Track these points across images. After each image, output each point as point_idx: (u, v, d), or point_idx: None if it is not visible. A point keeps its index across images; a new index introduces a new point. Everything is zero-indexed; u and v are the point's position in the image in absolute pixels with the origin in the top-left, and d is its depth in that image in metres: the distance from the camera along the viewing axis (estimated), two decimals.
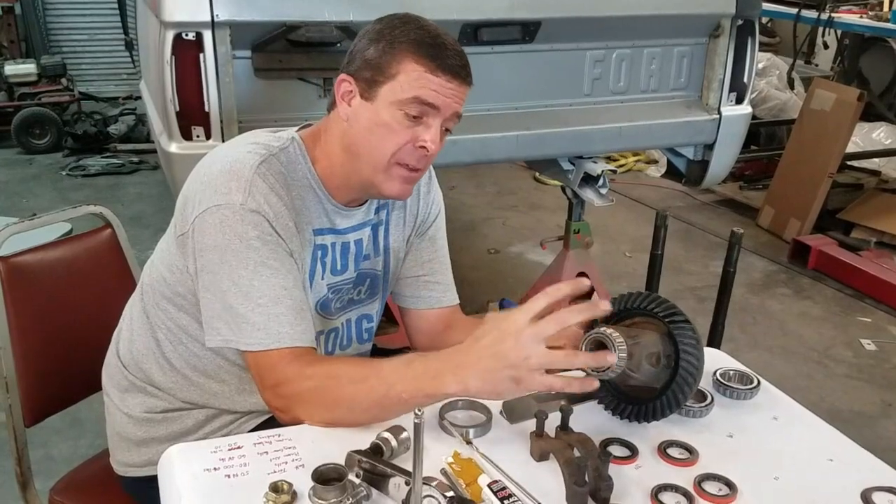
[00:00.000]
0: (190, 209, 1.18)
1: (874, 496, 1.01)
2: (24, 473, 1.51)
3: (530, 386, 1.03)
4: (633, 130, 2.61)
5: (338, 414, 1.11)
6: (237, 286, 1.14)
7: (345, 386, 1.11)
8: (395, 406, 1.08)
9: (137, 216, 4.35)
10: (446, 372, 1.05)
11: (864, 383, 3.07)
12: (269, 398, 1.15)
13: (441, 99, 1.18)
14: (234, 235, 1.14)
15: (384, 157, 1.20)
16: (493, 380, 1.03)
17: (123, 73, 6.68)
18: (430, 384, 1.06)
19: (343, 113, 1.22)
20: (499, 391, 1.04)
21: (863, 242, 4.12)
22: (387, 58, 1.17)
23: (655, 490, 0.99)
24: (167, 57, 2.00)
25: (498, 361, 1.02)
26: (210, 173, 1.19)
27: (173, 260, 1.24)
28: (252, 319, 1.14)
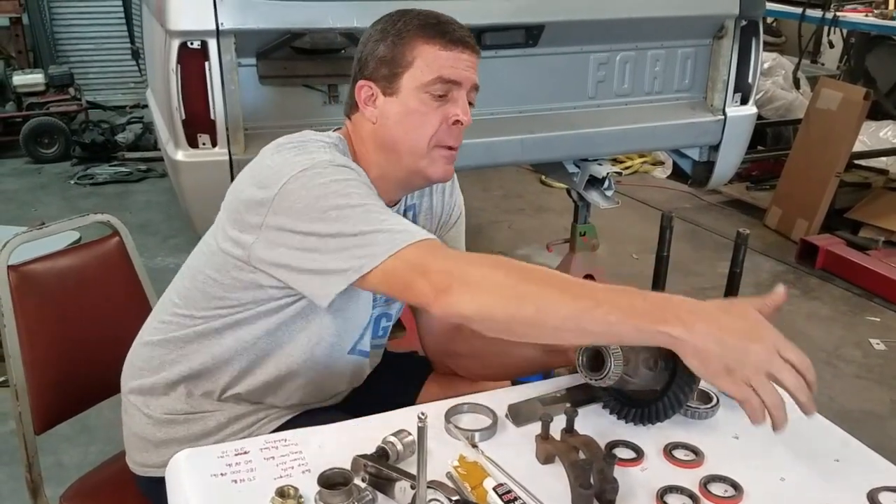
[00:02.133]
0: (263, 190, 1.15)
1: (881, 496, 1.01)
2: (34, 480, 1.51)
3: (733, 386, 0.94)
4: (638, 132, 2.61)
5: (520, 311, 1.00)
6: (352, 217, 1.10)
7: (537, 283, 1.02)
8: (592, 326, 0.98)
9: (145, 224, 4.37)
10: (673, 312, 0.97)
11: (874, 383, 3.05)
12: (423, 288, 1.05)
13: (460, 72, 1.22)
14: (332, 180, 1.13)
15: (423, 142, 1.24)
16: (715, 351, 0.94)
17: (130, 81, 6.72)
18: (649, 316, 0.97)
19: (370, 116, 1.26)
20: (706, 362, 0.95)
21: (871, 241, 4.10)
22: (399, 49, 1.22)
23: (661, 492, 0.99)
24: (173, 65, 2.01)
25: (735, 345, 0.95)
26: (280, 157, 1.18)
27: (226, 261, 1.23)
28: (385, 227, 1.10)
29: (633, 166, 5.50)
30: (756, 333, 0.96)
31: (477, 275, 1.04)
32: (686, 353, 0.96)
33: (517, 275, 1.04)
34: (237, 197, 1.22)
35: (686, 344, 0.95)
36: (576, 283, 1.04)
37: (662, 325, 0.96)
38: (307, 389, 1.35)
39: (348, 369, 1.39)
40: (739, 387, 0.94)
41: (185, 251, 1.42)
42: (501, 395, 1.22)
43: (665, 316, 0.97)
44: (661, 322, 0.96)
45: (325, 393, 1.38)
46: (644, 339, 0.99)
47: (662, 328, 0.96)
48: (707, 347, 0.95)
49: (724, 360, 0.94)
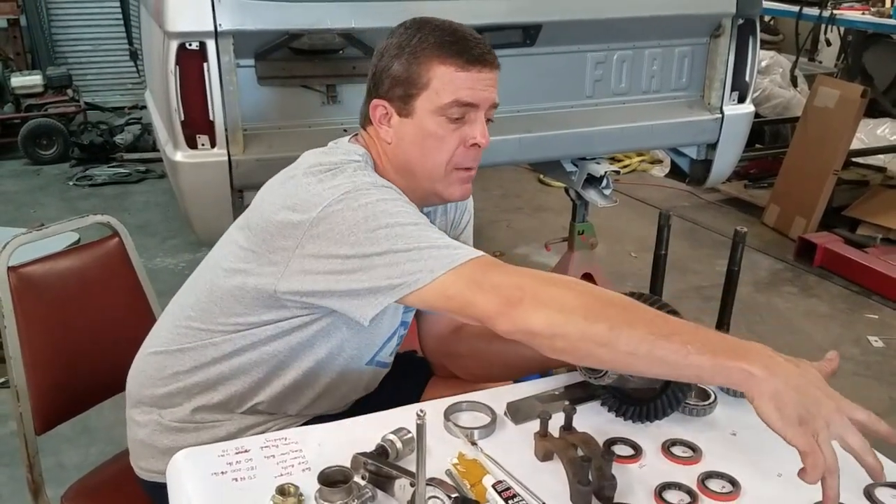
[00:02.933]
0: (300, 217, 1.12)
1: (877, 492, 1.02)
2: (35, 481, 1.52)
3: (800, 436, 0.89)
4: (636, 131, 2.62)
5: (592, 329, 0.97)
6: (403, 235, 1.08)
7: (613, 306, 0.99)
8: (667, 354, 0.94)
9: (144, 224, 4.37)
10: (755, 353, 0.94)
11: (872, 380, 3.06)
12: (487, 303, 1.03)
13: (478, 94, 1.19)
14: (378, 200, 1.11)
15: (440, 166, 1.22)
16: (789, 397, 0.91)
17: (129, 82, 6.72)
18: (729, 352, 0.94)
19: (385, 136, 1.24)
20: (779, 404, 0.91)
21: (869, 239, 4.11)
22: (414, 69, 1.19)
23: (659, 488, 1.00)
24: (171, 66, 2.01)
25: (810, 395, 0.91)
26: (316, 179, 1.15)
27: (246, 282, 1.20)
28: (440, 244, 1.08)
29: (632, 165, 5.50)
30: (828, 391, 0.93)
31: (548, 291, 1.02)
32: (763, 394, 0.91)
33: (591, 295, 1.01)
34: (267, 218, 1.18)
35: (764, 384, 0.91)
36: (652, 310, 1.01)
37: (744, 362, 0.92)
38: (323, 399, 1.35)
39: (365, 378, 1.39)
40: (808, 440, 0.89)
41: (185, 252, 1.43)
42: (500, 393, 1.23)
43: (746, 354, 0.94)
44: (743, 359, 0.93)
45: (339, 401, 1.38)
46: (720, 375, 0.95)
47: (744, 365, 0.92)
48: (785, 393, 0.91)
49: (799, 410, 0.90)
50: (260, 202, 1.23)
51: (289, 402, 1.33)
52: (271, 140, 2.13)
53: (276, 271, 1.16)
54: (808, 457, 0.90)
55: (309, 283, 1.14)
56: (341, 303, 1.13)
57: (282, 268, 1.15)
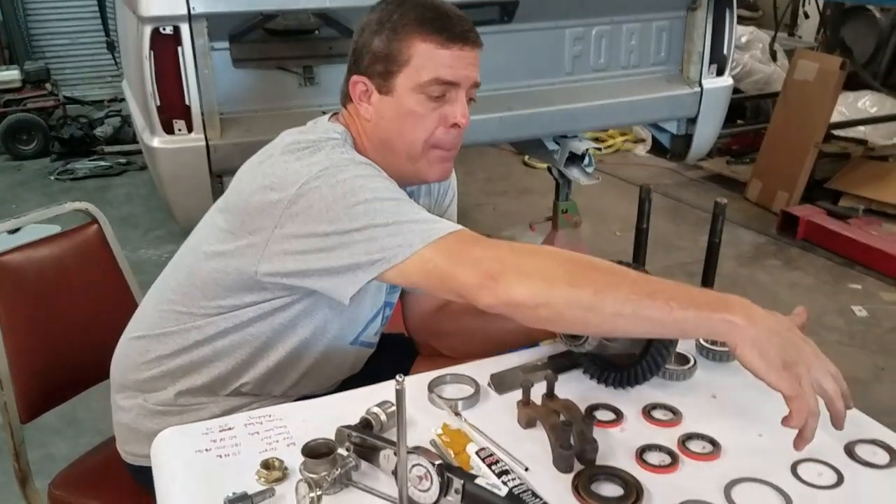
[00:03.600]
0: (279, 196, 1.11)
1: (857, 448, 1.03)
2: (22, 469, 1.52)
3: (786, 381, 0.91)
4: (616, 107, 2.62)
5: (577, 295, 0.97)
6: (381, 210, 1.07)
7: (595, 270, 1.00)
8: (651, 312, 0.95)
9: (127, 217, 4.35)
10: (736, 304, 0.96)
11: (857, 349, 3.09)
12: (468, 277, 1.02)
13: (458, 72, 1.17)
14: (356, 176, 1.10)
15: (419, 144, 1.20)
16: (771, 343, 0.93)
17: (107, 75, 6.67)
18: (711, 305, 0.95)
19: (365, 113, 1.22)
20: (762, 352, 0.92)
21: (851, 210, 4.13)
22: (395, 45, 1.17)
23: (640, 450, 1.01)
24: (146, 52, 2.00)
25: (790, 342, 0.94)
26: (293, 157, 1.14)
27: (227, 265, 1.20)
28: (420, 218, 1.08)
29: (615, 144, 5.51)
30: (805, 338, 0.96)
31: (530, 261, 1.02)
32: (745, 341, 0.93)
33: (572, 262, 1.01)
34: (246, 198, 1.17)
35: (747, 332, 0.93)
36: (633, 272, 1.02)
37: (726, 313, 0.94)
38: (308, 380, 1.34)
39: (350, 358, 1.39)
40: (793, 383, 0.91)
41: (168, 243, 1.42)
42: (484, 365, 1.23)
43: (727, 305, 0.95)
44: (724, 310, 0.94)
45: (325, 381, 1.38)
46: (704, 327, 0.97)
47: (726, 316, 0.94)
48: (768, 339, 0.93)
49: (782, 355, 0.92)
50: (238, 183, 1.22)
51: (273, 383, 1.32)
52: (249, 124, 2.12)
53: (255, 252, 1.15)
54: (793, 401, 0.91)
55: (289, 263, 1.13)
56: (321, 282, 1.12)
57: (261, 249, 1.14)
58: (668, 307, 0.95)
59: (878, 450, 1.03)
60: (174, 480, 0.99)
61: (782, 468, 0.99)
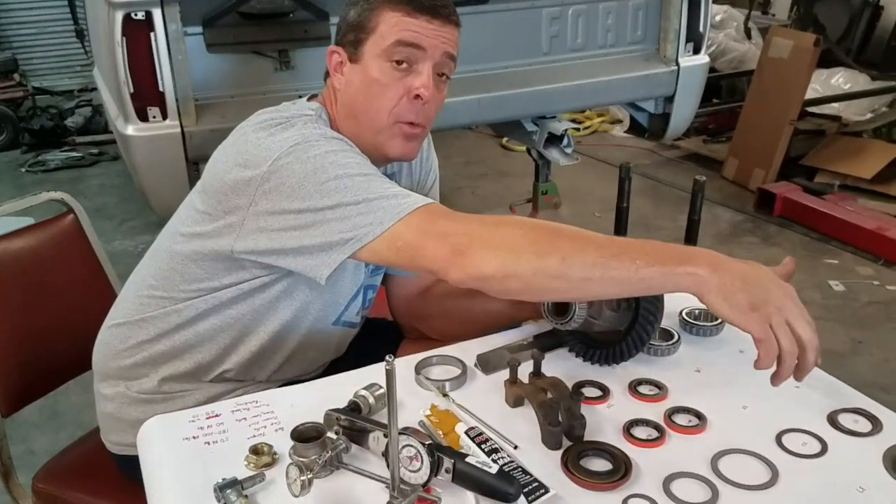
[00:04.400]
0: (250, 169, 1.10)
1: (840, 417, 1.04)
2: (5, 464, 1.50)
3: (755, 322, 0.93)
4: (594, 87, 2.62)
5: (544, 263, 0.97)
6: (351, 187, 1.06)
7: (560, 236, 1.00)
8: (619, 272, 0.96)
9: (101, 208, 4.29)
10: (700, 256, 0.96)
11: (835, 323, 3.14)
12: (437, 252, 1.02)
13: (424, 39, 1.16)
14: (326, 152, 1.09)
15: (383, 115, 1.19)
16: (738, 288, 0.94)
17: (76, 64, 6.55)
18: (675, 259, 0.96)
19: (338, 83, 1.23)
20: (729, 298, 0.93)
21: (826, 186, 4.18)
22: (365, 14, 1.19)
23: (627, 425, 1.02)
24: (118, 38, 1.96)
25: (757, 285, 0.95)
26: (266, 133, 1.13)
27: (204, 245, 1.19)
28: (389, 194, 1.06)
29: (592, 125, 5.52)
30: (776, 281, 0.97)
31: (496, 233, 1.01)
32: (711, 290, 0.94)
33: (538, 230, 1.01)
34: (220, 177, 1.15)
35: (711, 281, 0.94)
36: (597, 234, 1.02)
37: (688, 266, 0.95)
38: (292, 362, 1.33)
39: (333, 340, 1.38)
40: (762, 325, 0.92)
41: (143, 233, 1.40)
42: (470, 345, 1.23)
43: (690, 258, 0.96)
44: (689, 263, 0.95)
45: (309, 365, 1.37)
46: (670, 282, 0.97)
47: (689, 268, 0.95)
48: (732, 284, 0.94)
49: (749, 297, 0.93)
50: (213, 163, 1.21)
51: (257, 368, 1.32)
52: (225, 110, 2.10)
53: (232, 231, 1.15)
54: (762, 343, 0.93)
55: (264, 241, 1.12)
56: (296, 262, 1.11)
57: (237, 227, 1.14)
58: (634, 266, 0.95)
59: (859, 418, 1.04)
60: (162, 469, 0.98)
61: (767, 439, 1.00)
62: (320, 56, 1.27)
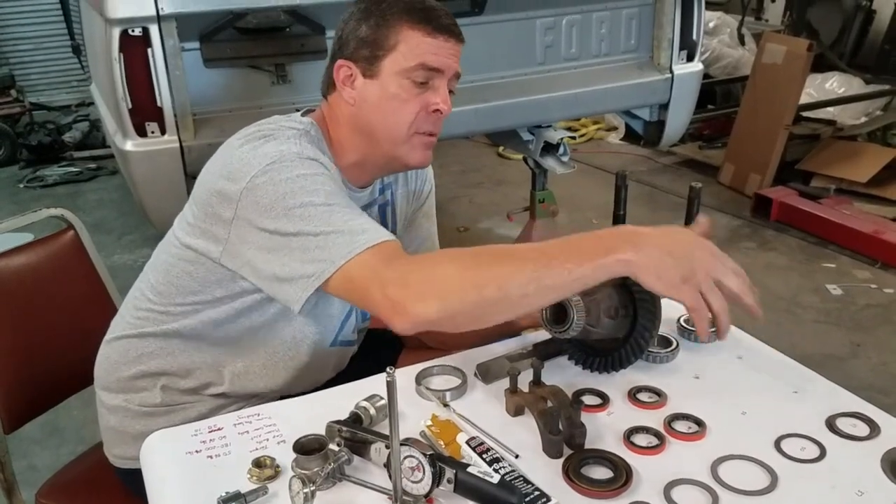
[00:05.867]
0: (231, 183, 1.13)
1: (838, 422, 1.05)
2: (7, 480, 1.50)
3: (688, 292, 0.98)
4: (589, 95, 2.64)
5: (482, 294, 0.99)
6: (314, 217, 1.08)
7: (489, 262, 1.02)
8: (554, 280, 0.99)
9: (99, 222, 4.29)
10: (618, 239, 1.00)
11: (833, 327, 3.15)
12: (380, 301, 1.02)
13: (443, 60, 1.20)
14: (298, 175, 1.10)
15: (402, 128, 1.22)
16: (667, 263, 0.98)
17: (73, 79, 6.56)
18: (601, 251, 0.99)
19: (348, 97, 1.24)
20: (661, 274, 0.98)
21: (822, 191, 4.20)
22: (382, 31, 1.20)
23: (627, 433, 1.02)
24: (115, 54, 1.98)
25: (683, 254, 1.00)
26: (249, 146, 1.15)
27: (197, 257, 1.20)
28: (346, 228, 1.07)
29: (588, 133, 5.54)
30: (698, 243, 1.03)
31: (433, 276, 1.03)
32: (642, 270, 0.98)
33: (471, 262, 1.03)
34: (208, 189, 1.18)
35: (640, 263, 0.98)
36: (524, 247, 1.06)
37: (615, 254, 0.98)
38: (291, 381, 1.34)
39: (332, 360, 1.39)
40: (694, 294, 0.98)
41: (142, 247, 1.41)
42: (470, 355, 1.24)
43: (614, 245, 0.99)
44: (613, 251, 0.98)
45: (310, 385, 1.37)
46: (603, 274, 0.99)
47: (616, 256, 0.98)
48: (661, 261, 0.98)
49: (679, 270, 0.98)
50: (203, 174, 1.24)
51: (256, 385, 1.32)
52: (222, 124, 2.11)
53: (219, 243, 1.16)
54: (694, 311, 0.99)
55: (244, 253, 1.14)
56: (273, 288, 1.13)
57: (223, 240, 1.16)
58: (566, 270, 0.98)
59: (857, 422, 1.05)
60: (165, 483, 0.98)
61: (766, 444, 1.01)
62: (317, 69, 1.28)
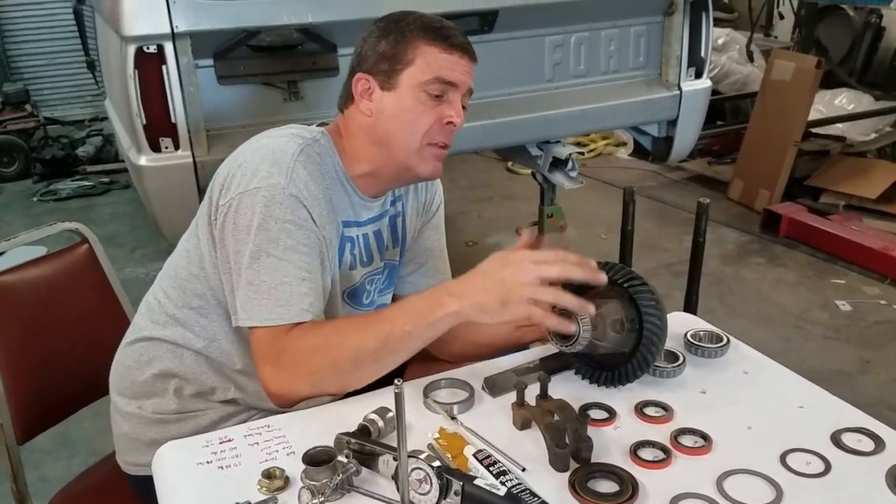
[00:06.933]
0: (226, 192, 1.21)
1: (843, 437, 1.06)
2: (20, 491, 1.51)
3: (515, 310, 1.07)
4: (597, 112, 2.66)
5: (341, 367, 1.12)
6: (264, 264, 1.17)
7: (346, 339, 1.14)
8: (399, 342, 1.11)
9: (112, 236, 4.33)
10: (445, 295, 1.11)
11: (842, 343, 3.14)
12: (269, 374, 1.15)
13: (458, 76, 1.26)
14: (271, 216, 1.17)
15: (416, 138, 1.27)
16: (485, 298, 1.08)
17: (87, 94, 6.64)
18: (430, 308, 1.11)
19: (366, 109, 1.29)
20: (486, 309, 1.08)
21: (832, 207, 4.19)
22: (401, 47, 1.26)
23: (634, 447, 1.03)
24: (130, 71, 2.01)
25: (494, 282, 1.08)
26: (252, 159, 1.22)
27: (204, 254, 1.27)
28: (274, 294, 1.16)
29: (597, 148, 5.56)
30: (504, 262, 1.10)
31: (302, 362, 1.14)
32: (472, 317, 1.09)
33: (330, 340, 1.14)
34: (210, 196, 1.26)
35: (464, 311, 1.09)
36: (373, 316, 1.19)
37: (441, 309, 1.10)
38: None
39: None
40: (521, 309, 1.07)
41: (154, 261, 1.44)
42: (477, 369, 1.25)
43: (440, 300, 1.10)
44: (439, 307, 1.10)
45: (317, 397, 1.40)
46: (440, 327, 1.11)
47: (443, 311, 1.10)
48: (481, 299, 1.08)
49: (496, 297, 1.08)
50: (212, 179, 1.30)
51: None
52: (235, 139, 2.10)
53: (212, 247, 1.24)
54: (535, 319, 1.08)
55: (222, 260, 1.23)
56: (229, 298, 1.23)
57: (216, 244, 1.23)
58: (405, 333, 1.11)
59: (863, 437, 1.06)
60: (177, 493, 1.00)
61: (772, 459, 1.01)
62: (328, 86, 1.31)
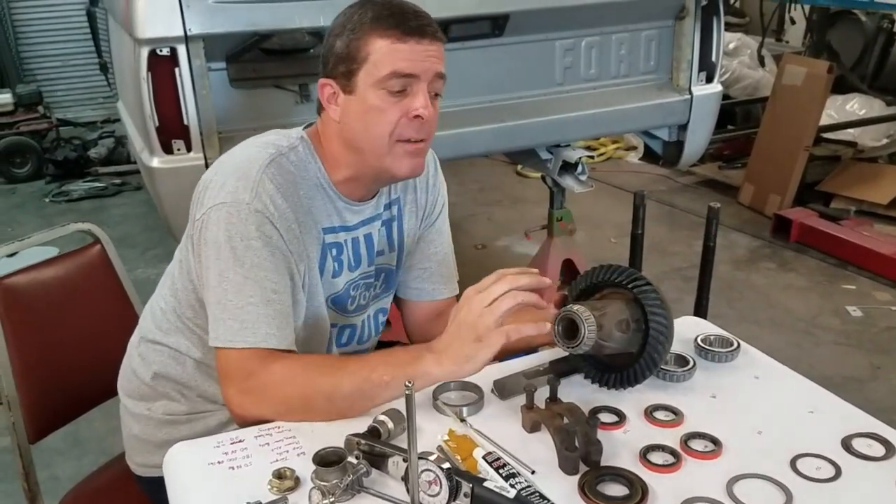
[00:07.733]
0: (199, 207, 1.21)
1: (854, 442, 1.06)
2: (31, 489, 1.52)
3: (492, 341, 1.10)
4: (608, 116, 2.65)
5: (312, 406, 1.13)
6: (230, 283, 1.16)
7: (322, 375, 1.14)
8: (376, 389, 1.12)
9: (124, 237, 4.35)
10: (425, 352, 1.14)
11: (853, 349, 3.12)
12: (233, 395, 1.15)
13: (417, 65, 1.18)
14: (236, 234, 1.16)
15: (383, 139, 1.21)
16: (459, 347, 1.11)
17: (99, 96, 6.68)
18: (410, 364, 1.13)
19: (334, 114, 1.24)
20: (466, 353, 1.11)
21: (842, 212, 4.18)
22: (354, 44, 1.19)
23: (644, 451, 1.03)
24: (143, 73, 2.02)
25: (462, 326, 1.12)
26: (223, 171, 1.22)
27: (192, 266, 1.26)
28: (240, 315, 1.15)
29: (607, 152, 5.55)
30: (463, 303, 1.14)
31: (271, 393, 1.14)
32: (452, 373, 1.13)
33: (313, 372, 1.15)
34: (194, 199, 1.26)
35: (443, 371, 1.12)
36: (354, 360, 1.19)
37: (420, 366, 1.12)
38: None
39: None
40: (495, 339, 1.09)
41: (165, 262, 1.44)
42: (486, 371, 1.24)
43: (420, 357, 1.13)
44: (418, 362, 1.12)
45: None
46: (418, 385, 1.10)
47: (420, 368, 1.12)
48: (457, 353, 1.11)
49: (468, 339, 1.11)
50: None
51: None
52: None
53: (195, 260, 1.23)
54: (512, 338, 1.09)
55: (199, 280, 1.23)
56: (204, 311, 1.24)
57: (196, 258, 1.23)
58: (385, 384, 1.12)
59: (873, 443, 1.06)
60: (188, 493, 1.01)
61: (782, 463, 1.01)
62: None
